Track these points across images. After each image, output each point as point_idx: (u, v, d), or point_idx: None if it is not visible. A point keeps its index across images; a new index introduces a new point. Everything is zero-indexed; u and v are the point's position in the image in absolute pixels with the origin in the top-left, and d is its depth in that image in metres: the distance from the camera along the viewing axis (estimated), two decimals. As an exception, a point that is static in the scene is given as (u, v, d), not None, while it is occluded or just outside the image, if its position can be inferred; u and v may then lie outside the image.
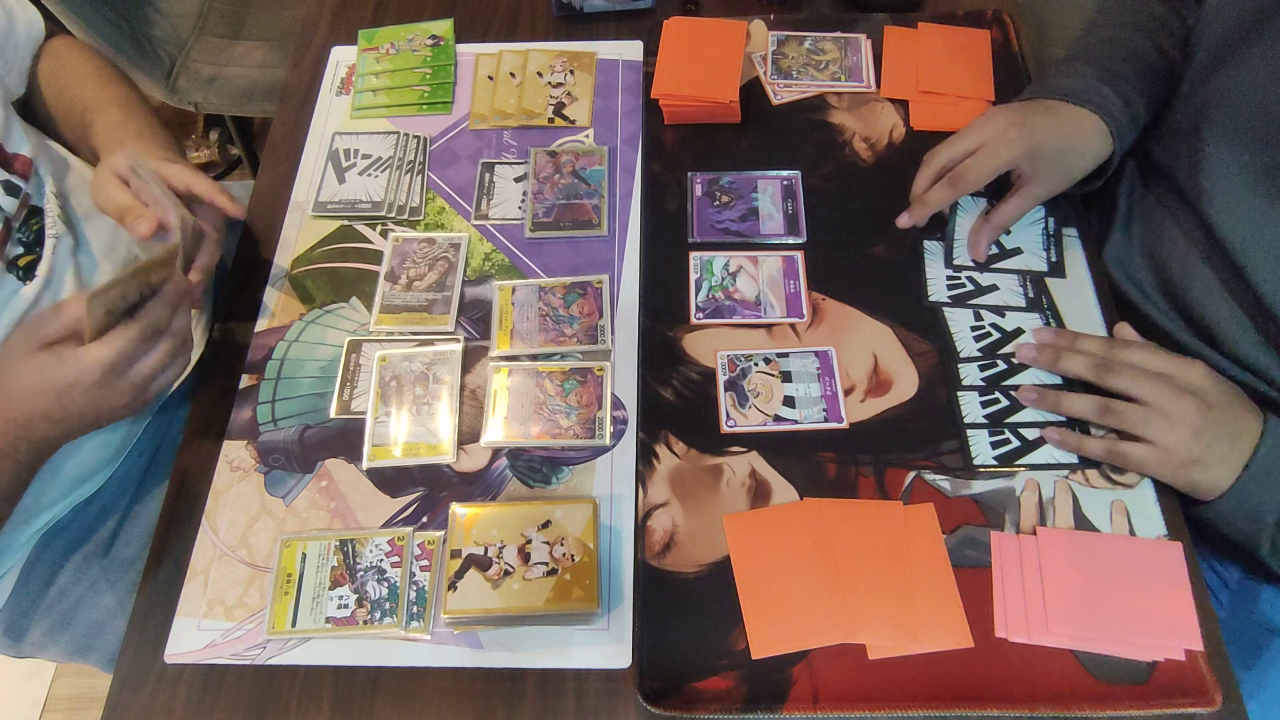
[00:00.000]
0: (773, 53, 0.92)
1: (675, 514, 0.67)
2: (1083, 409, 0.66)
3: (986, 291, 0.76)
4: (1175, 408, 0.62)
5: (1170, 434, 0.62)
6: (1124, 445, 0.64)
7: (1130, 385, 0.64)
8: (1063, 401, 0.67)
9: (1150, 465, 0.64)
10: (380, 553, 0.66)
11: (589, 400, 0.72)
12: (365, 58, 0.95)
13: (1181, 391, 0.62)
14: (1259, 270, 0.65)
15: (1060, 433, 0.67)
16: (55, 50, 0.83)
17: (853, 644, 0.61)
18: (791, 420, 0.70)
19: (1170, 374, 0.64)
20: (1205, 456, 0.61)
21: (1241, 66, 0.67)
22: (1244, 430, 0.62)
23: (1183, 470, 0.62)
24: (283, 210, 0.85)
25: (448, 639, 0.63)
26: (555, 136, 0.89)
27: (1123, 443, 0.64)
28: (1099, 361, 0.66)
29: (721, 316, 0.76)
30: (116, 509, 0.79)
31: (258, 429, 0.73)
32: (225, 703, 0.62)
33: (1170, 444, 0.62)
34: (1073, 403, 0.67)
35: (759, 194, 0.83)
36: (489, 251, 0.81)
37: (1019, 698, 0.59)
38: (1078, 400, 0.67)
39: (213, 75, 1.39)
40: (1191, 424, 0.61)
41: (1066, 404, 0.67)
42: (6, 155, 0.71)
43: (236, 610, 0.65)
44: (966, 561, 0.64)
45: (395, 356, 0.75)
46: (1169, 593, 0.61)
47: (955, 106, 0.86)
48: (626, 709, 0.61)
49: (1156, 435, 0.62)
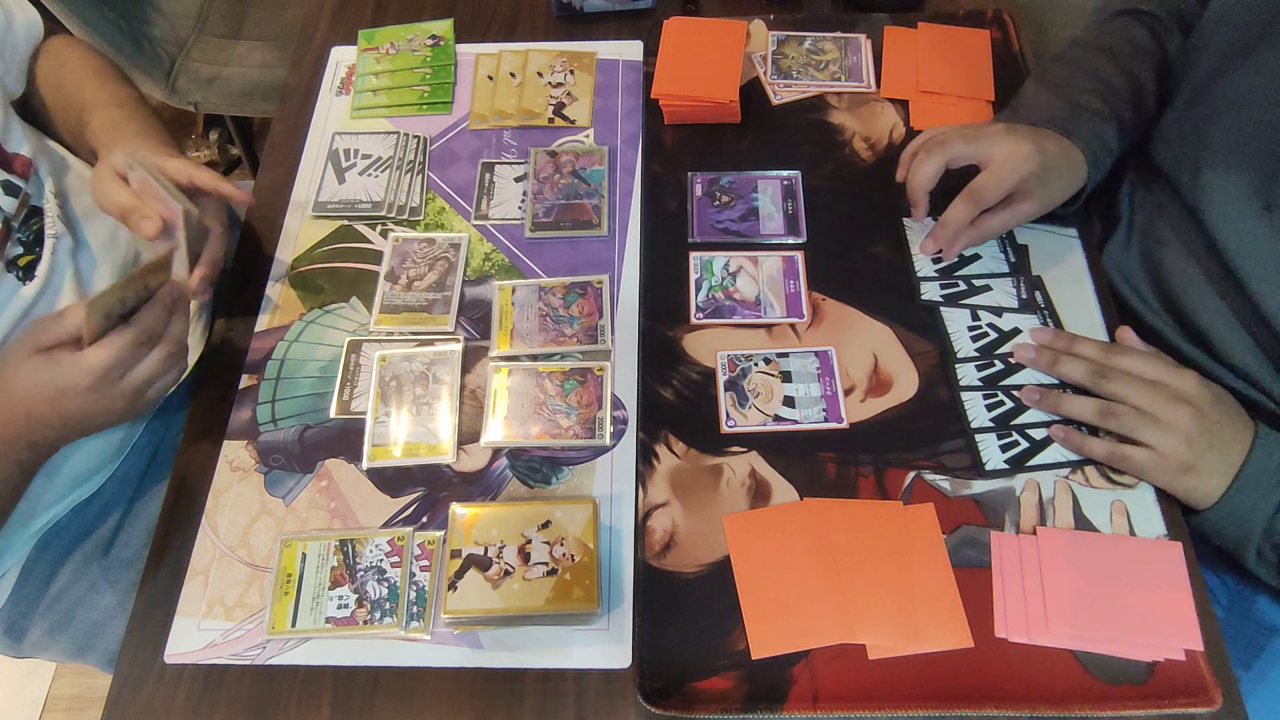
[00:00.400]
0: (773, 53, 0.92)
1: (675, 514, 0.67)
2: (1083, 411, 0.67)
3: (979, 292, 0.76)
4: (1169, 414, 0.63)
5: (1165, 439, 0.63)
6: (1125, 448, 0.65)
7: (1124, 392, 0.65)
8: (1063, 403, 0.68)
9: (1150, 469, 0.64)
10: (380, 553, 0.66)
11: (589, 400, 0.72)
12: (365, 58, 0.95)
13: (1175, 399, 0.63)
14: (1256, 278, 0.65)
15: (1065, 431, 0.68)
16: (54, 49, 0.83)
17: (853, 644, 0.61)
18: (791, 420, 0.70)
19: (1164, 382, 0.64)
20: (1199, 463, 0.62)
21: (1248, 71, 0.67)
22: (1235, 439, 0.62)
23: (1179, 476, 0.63)
24: (283, 210, 0.85)
25: (448, 639, 0.63)
26: (555, 136, 0.89)
27: (1124, 445, 0.65)
28: (1094, 368, 0.67)
29: (721, 316, 0.76)
30: (116, 509, 0.79)
31: (258, 429, 0.73)
32: (225, 703, 0.62)
33: (1166, 449, 0.63)
34: (1073, 405, 0.67)
35: (759, 194, 0.83)
36: (489, 251, 0.81)
37: (1019, 698, 0.59)
38: (1078, 402, 0.67)
39: (213, 75, 1.39)
40: (1185, 430, 0.62)
41: (1067, 405, 0.68)
42: (6, 155, 0.71)
43: (236, 610, 0.65)
44: (966, 561, 0.64)
45: (395, 356, 0.75)
46: (1169, 593, 0.61)
47: (955, 106, 0.86)
48: (626, 709, 0.61)
49: (1153, 440, 0.63)
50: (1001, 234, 0.77)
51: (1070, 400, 0.68)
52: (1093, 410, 0.66)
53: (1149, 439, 0.63)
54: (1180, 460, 0.62)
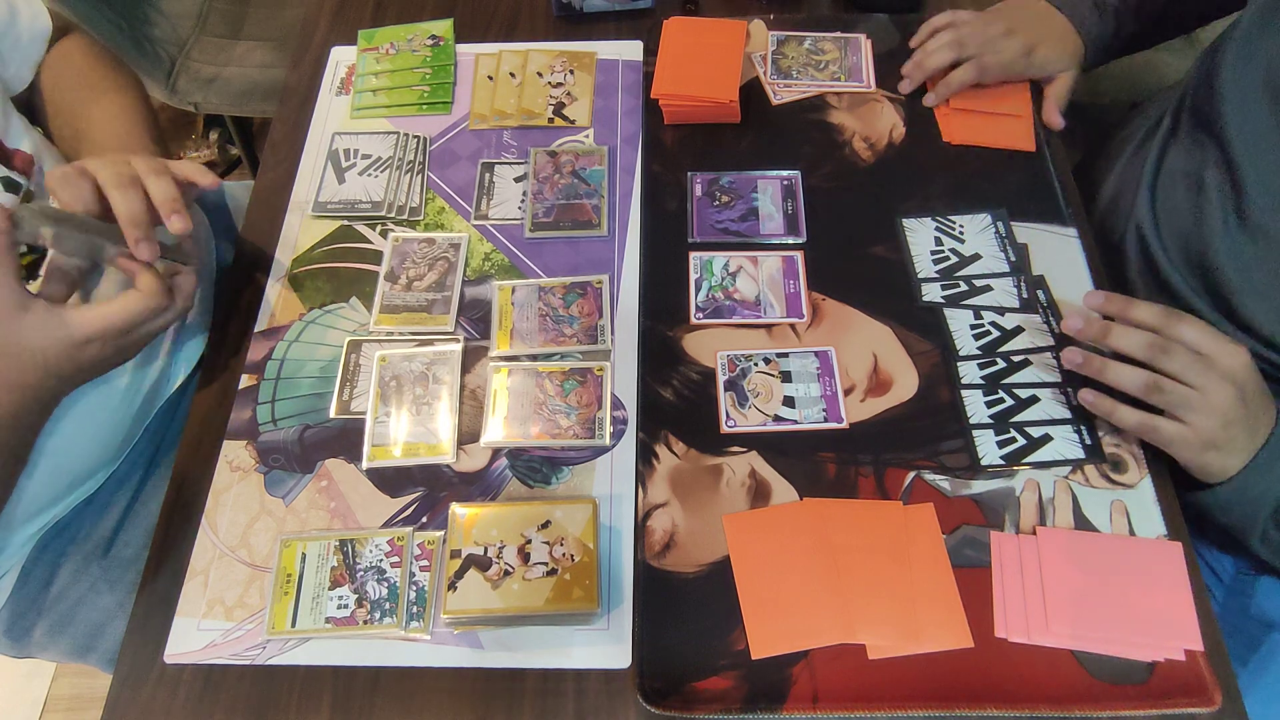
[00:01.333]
0: (772, 53, 0.92)
1: (675, 514, 0.67)
2: (1131, 384, 0.63)
3: (980, 292, 0.76)
4: (1215, 395, 0.61)
5: (1204, 420, 0.61)
6: (1157, 420, 0.63)
7: (1184, 371, 0.62)
8: (1109, 371, 0.64)
9: (1177, 443, 0.63)
10: (380, 553, 0.66)
11: (589, 400, 0.72)
12: (365, 58, 0.95)
13: (1224, 379, 0.61)
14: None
15: (1096, 396, 0.65)
16: (64, 52, 0.82)
17: (853, 644, 0.61)
18: (791, 420, 0.70)
19: (1215, 357, 0.61)
20: (1226, 444, 0.61)
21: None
22: (1264, 419, 0.62)
23: (1203, 452, 0.62)
24: (283, 210, 0.85)
25: (447, 639, 0.63)
26: (555, 136, 0.89)
27: (1156, 417, 0.63)
28: (1154, 341, 0.63)
29: (721, 316, 0.76)
30: (116, 509, 0.79)
31: (257, 429, 0.73)
32: (225, 703, 0.62)
33: (1201, 427, 0.61)
34: (1121, 375, 0.64)
35: (759, 194, 0.83)
36: (489, 251, 0.81)
37: (1019, 698, 0.59)
38: (1126, 374, 0.63)
39: (213, 75, 1.39)
40: (1225, 413, 0.60)
41: (1114, 374, 0.64)
42: (6, 151, 0.71)
43: (236, 610, 0.65)
44: (966, 561, 0.64)
45: (395, 356, 0.75)
46: (1169, 593, 0.61)
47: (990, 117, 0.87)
48: (626, 709, 0.61)
49: (1193, 419, 0.61)
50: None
51: (1117, 370, 0.64)
52: (1141, 384, 0.63)
53: (1189, 418, 0.61)
54: (1211, 438, 0.61)
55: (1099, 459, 0.67)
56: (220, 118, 1.68)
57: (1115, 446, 0.68)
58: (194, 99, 1.39)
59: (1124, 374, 0.63)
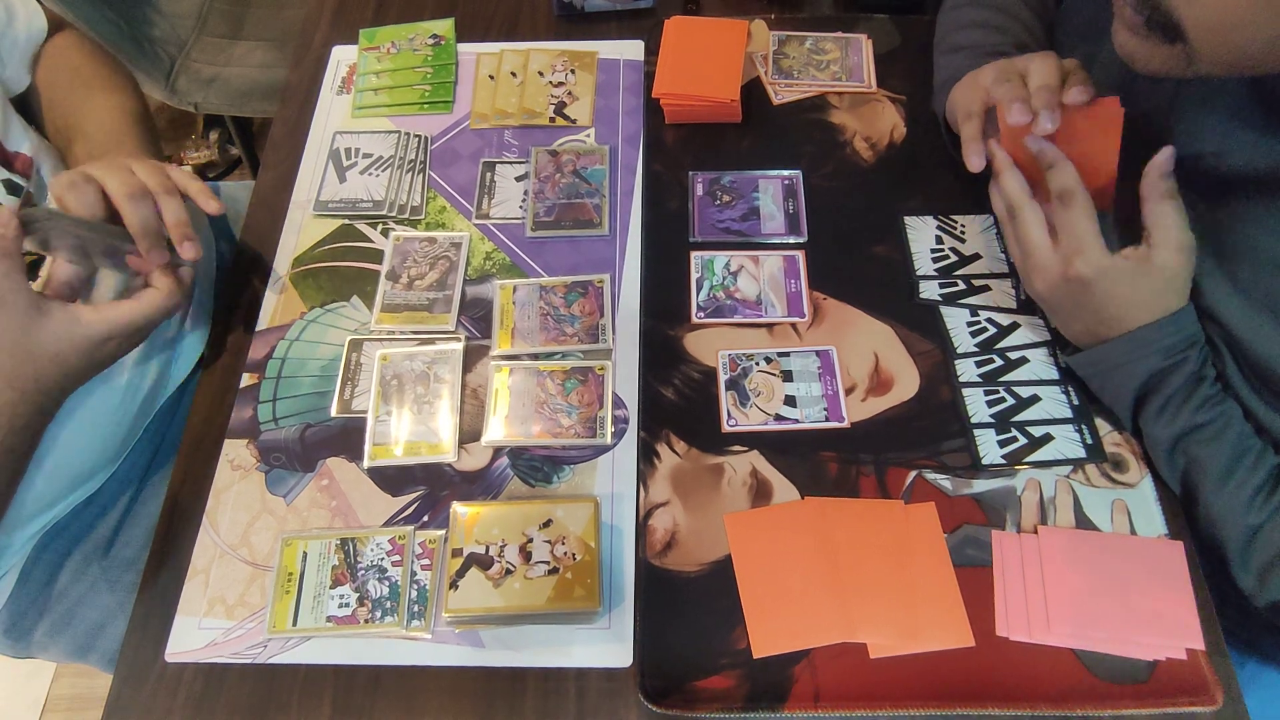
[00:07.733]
0: (774, 52, 0.92)
1: (676, 513, 0.67)
2: (1000, 202, 0.66)
3: (978, 292, 0.76)
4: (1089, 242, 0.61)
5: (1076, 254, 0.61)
6: (1029, 214, 0.64)
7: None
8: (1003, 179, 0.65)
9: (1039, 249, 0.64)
10: (381, 552, 0.66)
11: (590, 399, 0.72)
12: (366, 57, 0.95)
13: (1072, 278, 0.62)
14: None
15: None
16: (57, 49, 0.82)
17: (854, 643, 0.61)
18: (792, 419, 0.70)
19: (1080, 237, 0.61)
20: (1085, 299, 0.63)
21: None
22: (1134, 309, 0.62)
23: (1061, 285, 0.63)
24: (283, 209, 0.85)
25: (449, 638, 0.63)
26: (556, 136, 0.89)
27: (1029, 210, 0.64)
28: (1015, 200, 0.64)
29: (722, 316, 0.76)
30: (116, 509, 0.79)
31: (259, 428, 0.73)
32: (226, 702, 0.62)
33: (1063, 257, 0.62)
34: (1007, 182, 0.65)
35: (760, 193, 0.83)
36: (490, 250, 0.81)
37: (1020, 697, 0.59)
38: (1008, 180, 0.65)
39: (213, 75, 1.39)
40: (1099, 264, 0.61)
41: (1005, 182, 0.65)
42: (7, 154, 0.71)
43: (237, 609, 0.65)
44: (967, 560, 0.64)
45: (396, 355, 0.75)
46: (1170, 592, 0.61)
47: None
48: (628, 708, 0.61)
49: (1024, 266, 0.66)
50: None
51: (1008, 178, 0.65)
52: (1002, 207, 0.66)
53: (1020, 262, 0.66)
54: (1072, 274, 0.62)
55: (1100, 458, 0.67)
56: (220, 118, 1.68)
57: (1116, 446, 0.68)
58: (194, 99, 1.39)
59: (1007, 181, 0.65)
